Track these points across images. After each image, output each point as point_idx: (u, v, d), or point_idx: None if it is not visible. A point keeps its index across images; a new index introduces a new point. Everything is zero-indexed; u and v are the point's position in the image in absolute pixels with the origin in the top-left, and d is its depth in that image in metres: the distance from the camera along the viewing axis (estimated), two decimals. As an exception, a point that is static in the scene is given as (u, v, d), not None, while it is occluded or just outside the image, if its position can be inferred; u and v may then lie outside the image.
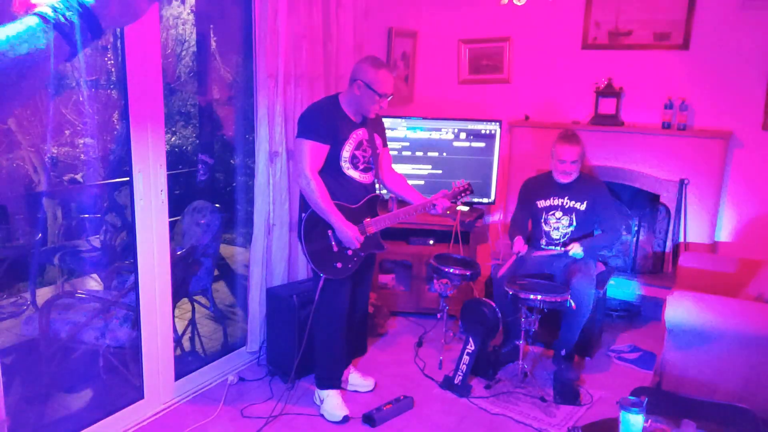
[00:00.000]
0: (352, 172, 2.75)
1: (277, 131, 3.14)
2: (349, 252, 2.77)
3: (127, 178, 2.64)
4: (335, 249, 2.74)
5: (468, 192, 2.90)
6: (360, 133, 2.76)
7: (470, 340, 3.16)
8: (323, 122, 2.67)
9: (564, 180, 3.39)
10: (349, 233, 2.67)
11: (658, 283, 4.08)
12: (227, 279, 4.13)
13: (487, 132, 4.14)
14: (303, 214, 2.74)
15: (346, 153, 2.71)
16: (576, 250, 3.28)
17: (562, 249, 3.37)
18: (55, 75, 3.70)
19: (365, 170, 2.80)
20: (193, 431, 2.74)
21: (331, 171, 2.71)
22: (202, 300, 3.59)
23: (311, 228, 2.72)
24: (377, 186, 2.94)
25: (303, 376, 3.16)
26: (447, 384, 3.16)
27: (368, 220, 2.78)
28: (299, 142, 2.69)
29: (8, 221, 3.62)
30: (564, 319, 3.27)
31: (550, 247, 3.46)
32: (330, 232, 2.73)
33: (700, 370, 2.61)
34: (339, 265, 2.75)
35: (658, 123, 4.05)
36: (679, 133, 3.94)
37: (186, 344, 3.41)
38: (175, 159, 4.76)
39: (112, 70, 4.00)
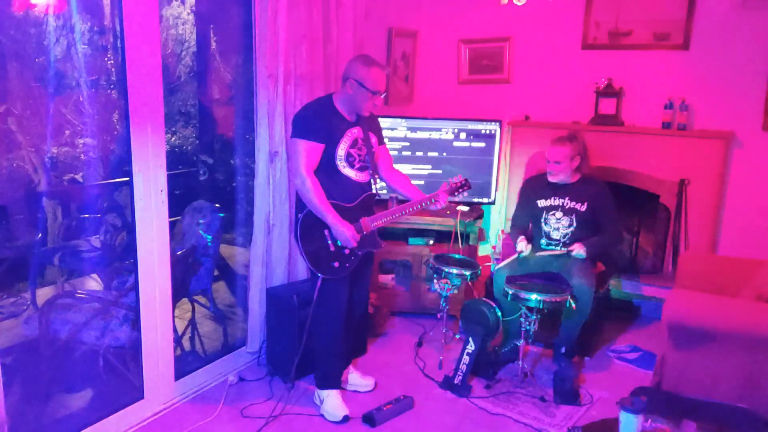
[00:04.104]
0: (347, 171, 2.75)
1: (277, 131, 3.14)
2: (346, 251, 2.77)
3: (127, 178, 2.64)
4: (332, 248, 2.74)
5: (465, 187, 2.89)
6: (355, 132, 2.77)
7: (470, 340, 3.17)
8: (317, 121, 2.67)
9: (550, 179, 3.40)
10: (345, 232, 2.67)
11: (658, 283, 4.08)
12: (227, 279, 4.13)
13: (487, 132, 4.14)
14: (299, 215, 2.74)
15: (341, 152, 2.71)
16: (578, 250, 3.31)
17: (565, 249, 3.37)
18: (56, 75, 3.71)
19: (361, 169, 2.79)
20: (193, 431, 2.74)
21: (326, 170, 2.71)
22: (202, 300, 3.59)
23: (307, 228, 2.72)
24: (374, 185, 2.94)
25: (303, 376, 3.16)
26: (447, 384, 3.16)
27: (365, 218, 2.78)
28: (294, 142, 2.69)
29: (8, 221, 3.61)
30: (564, 318, 3.27)
31: (550, 247, 3.46)
32: (326, 232, 2.73)
33: (700, 370, 2.61)
34: (336, 264, 2.75)
35: (658, 123, 4.05)
36: (679, 134, 3.94)
37: (186, 344, 3.41)
38: (175, 159, 4.76)
39: (112, 70, 4.00)
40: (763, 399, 2.43)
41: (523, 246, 3.36)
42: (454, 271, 3.34)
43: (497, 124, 4.13)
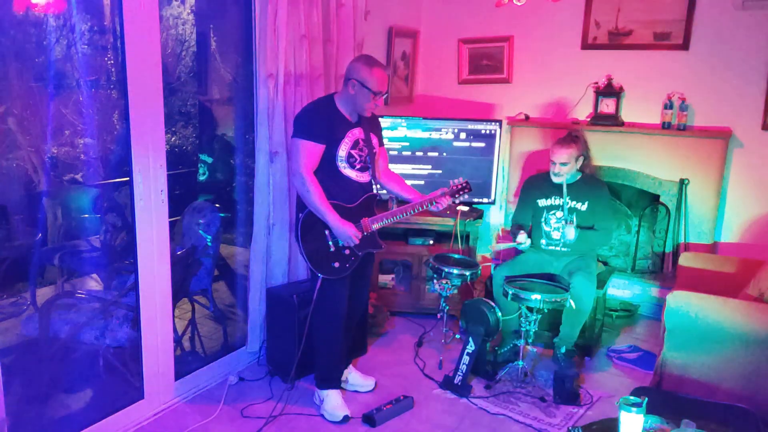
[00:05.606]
0: (348, 172, 2.75)
1: (277, 131, 3.14)
2: (347, 251, 2.77)
3: (127, 178, 2.64)
4: (332, 249, 2.74)
5: (466, 190, 2.89)
6: (356, 133, 2.77)
7: (470, 340, 3.17)
8: (319, 122, 2.68)
9: (555, 180, 3.40)
10: (346, 230, 2.67)
11: (658, 283, 4.08)
12: (227, 279, 4.12)
13: (487, 132, 4.14)
14: (300, 214, 2.74)
15: (342, 152, 2.71)
16: (570, 231, 3.29)
17: (562, 223, 3.34)
18: (56, 75, 3.71)
19: (362, 169, 2.80)
20: (193, 431, 2.74)
21: (327, 170, 2.71)
22: (202, 300, 3.59)
23: (308, 228, 2.72)
24: (375, 185, 2.94)
25: (303, 376, 3.16)
26: (447, 384, 3.16)
27: (366, 219, 2.78)
28: (295, 142, 2.69)
29: (8, 221, 3.61)
30: (564, 317, 3.28)
31: (550, 248, 3.46)
32: (327, 232, 2.73)
33: (700, 370, 2.61)
34: (336, 264, 2.75)
35: (658, 123, 4.05)
36: (679, 133, 3.94)
37: (186, 344, 3.41)
38: (175, 159, 4.75)
39: (112, 70, 4.00)
40: (763, 399, 2.43)
41: (522, 239, 3.35)
42: (454, 271, 3.34)
43: (497, 124, 4.13)
